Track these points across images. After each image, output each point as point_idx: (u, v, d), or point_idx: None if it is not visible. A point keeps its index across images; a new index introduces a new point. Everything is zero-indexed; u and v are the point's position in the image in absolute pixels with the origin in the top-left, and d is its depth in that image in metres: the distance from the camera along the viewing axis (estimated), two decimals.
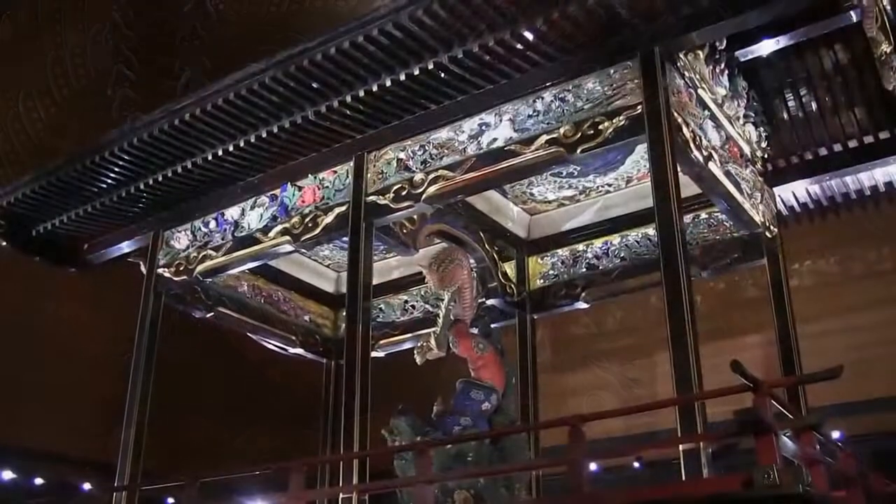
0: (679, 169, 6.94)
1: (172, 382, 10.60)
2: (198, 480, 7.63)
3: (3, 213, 10.06)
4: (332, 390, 11.13)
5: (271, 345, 11.21)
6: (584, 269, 10.12)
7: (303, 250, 9.53)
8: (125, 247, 10.42)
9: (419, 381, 10.35)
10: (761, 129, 8.98)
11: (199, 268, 9.47)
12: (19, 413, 15.03)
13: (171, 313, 9.91)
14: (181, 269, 9.64)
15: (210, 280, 9.81)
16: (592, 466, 12.26)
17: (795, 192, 9.54)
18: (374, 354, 8.84)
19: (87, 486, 13.74)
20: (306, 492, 7.31)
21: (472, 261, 9.12)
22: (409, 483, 7.06)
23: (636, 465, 13.57)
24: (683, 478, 5.89)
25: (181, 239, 9.80)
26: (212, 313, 10.22)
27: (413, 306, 11.13)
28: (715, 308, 13.89)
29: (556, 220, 10.29)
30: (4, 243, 10.26)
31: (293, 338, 11.16)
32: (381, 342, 10.94)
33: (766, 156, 9.15)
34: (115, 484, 8.93)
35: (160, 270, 9.80)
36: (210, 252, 9.46)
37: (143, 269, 10.06)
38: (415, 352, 8.41)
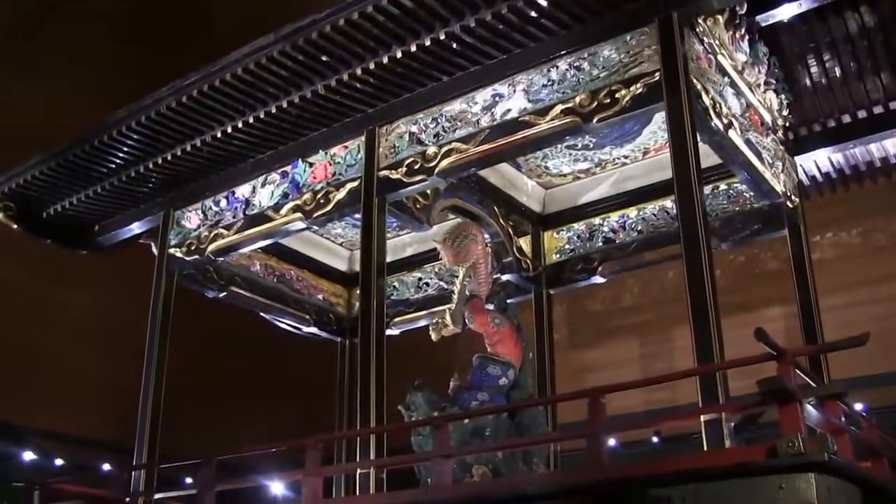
0: (698, 137, 6.77)
1: (187, 363, 10.58)
2: (214, 459, 7.57)
3: (12, 196, 9.99)
4: (347, 369, 11.07)
5: (285, 324, 11.15)
6: (601, 244, 9.97)
7: (315, 227, 9.42)
8: (136, 228, 10.35)
9: (434, 360, 10.28)
10: (782, 96, 8.79)
11: (211, 247, 9.38)
12: (39, 397, 15.18)
13: (184, 293, 9.83)
14: (193, 248, 9.56)
15: (222, 259, 9.72)
16: (611, 442, 12.22)
17: (817, 160, 9.38)
18: (388, 332, 8.75)
19: (105, 466, 13.83)
20: (323, 468, 7.24)
21: (486, 236, 8.99)
22: (426, 458, 6.97)
23: (655, 439, 13.50)
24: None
25: (192, 218, 9.71)
26: (224, 293, 10.17)
27: (427, 284, 11.01)
28: (734, 281, 13.77)
29: (571, 193, 10.15)
30: (15, 226, 10.18)
31: (307, 316, 11.09)
32: (396, 320, 10.85)
33: (787, 124, 8.96)
34: (133, 463, 8.90)
35: (172, 250, 9.71)
36: (221, 231, 9.37)
37: (154, 250, 9.99)
38: (430, 328, 8.34)
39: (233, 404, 17.14)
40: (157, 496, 8.47)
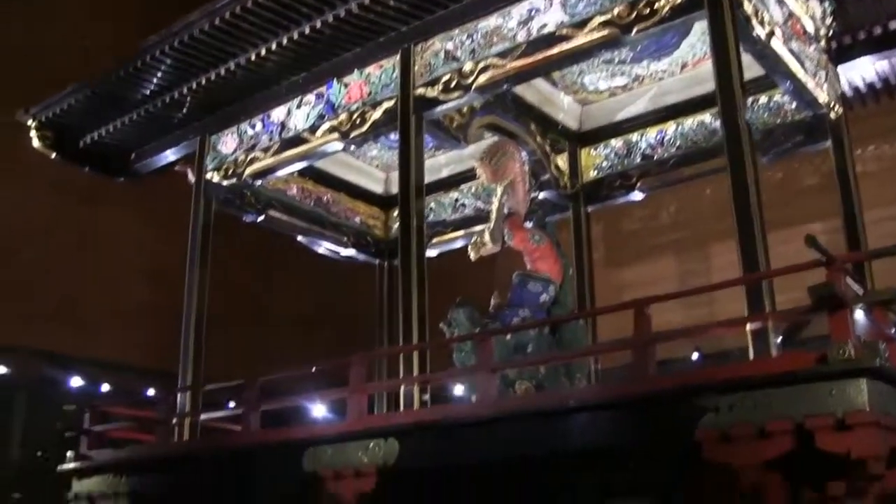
0: (741, 46, 6.62)
1: (227, 287, 10.69)
2: (259, 380, 7.69)
3: (49, 125, 10.04)
4: (386, 291, 11.15)
5: (322, 247, 11.20)
6: (639, 160, 9.84)
7: (351, 148, 9.39)
8: (172, 154, 10.36)
9: (473, 280, 10.30)
10: (826, 3, 8.52)
11: (248, 170, 9.40)
12: (86, 325, 15.49)
13: (223, 218, 9.87)
14: (230, 172, 9.57)
15: (259, 183, 9.75)
16: None
17: (862, 70, 9.09)
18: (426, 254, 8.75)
19: (150, 391, 14.10)
20: (368, 385, 7.33)
21: (524, 153, 8.91)
22: (469, 373, 7.03)
23: (694, 357, 13.48)
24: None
25: (228, 143, 9.70)
26: (262, 216, 10.21)
27: (463, 204, 10.97)
28: (774, 197, 13.55)
29: (608, 109, 9.98)
30: (53, 154, 10.25)
31: (344, 239, 11.14)
32: (434, 241, 10.79)
33: (830, 32, 8.69)
34: (178, 386, 9.07)
35: (209, 175, 9.73)
36: (258, 154, 9.36)
37: (191, 176, 10.01)
38: (469, 248, 8.31)
39: (271, 330, 17.40)
40: (202, 416, 8.65)
